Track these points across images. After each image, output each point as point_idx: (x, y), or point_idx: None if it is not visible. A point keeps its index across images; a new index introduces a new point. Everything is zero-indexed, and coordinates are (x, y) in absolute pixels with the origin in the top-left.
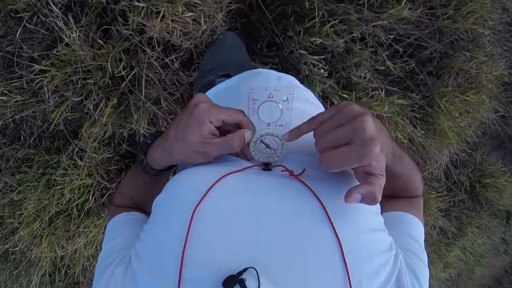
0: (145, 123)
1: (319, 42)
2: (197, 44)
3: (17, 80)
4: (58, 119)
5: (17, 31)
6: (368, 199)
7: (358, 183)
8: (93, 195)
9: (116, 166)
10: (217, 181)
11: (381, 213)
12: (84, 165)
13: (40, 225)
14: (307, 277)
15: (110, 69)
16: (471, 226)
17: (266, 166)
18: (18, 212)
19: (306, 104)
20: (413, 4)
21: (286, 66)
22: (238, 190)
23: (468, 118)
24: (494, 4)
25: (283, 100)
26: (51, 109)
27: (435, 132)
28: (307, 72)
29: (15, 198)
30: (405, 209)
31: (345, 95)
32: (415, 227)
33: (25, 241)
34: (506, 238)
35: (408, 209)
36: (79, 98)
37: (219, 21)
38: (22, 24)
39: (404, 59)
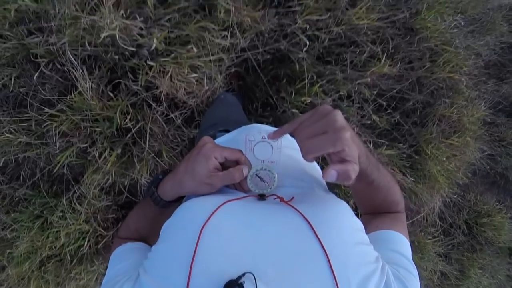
0: (146, 173)
1: (309, 101)
2: (199, 103)
3: (25, 120)
4: (62, 163)
5: (31, 74)
6: (343, 176)
7: (342, 203)
8: (88, 241)
9: (113, 215)
10: (220, 206)
11: (367, 233)
12: (82, 211)
13: (29, 267)
14: (300, 282)
15: (118, 120)
16: (474, 268)
17: (261, 197)
18: (8, 251)
19: (295, 151)
20: (392, 60)
21: (279, 124)
22: (237, 213)
23: (455, 161)
24: (467, 52)
25: (274, 141)
26: (56, 152)
27: (425, 178)
28: None
29: (8, 236)
30: (389, 227)
31: None
32: (401, 243)
33: (12, 282)
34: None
35: (392, 226)
36: (85, 145)
37: (219, 82)
38: (39, 69)
39: (388, 112)
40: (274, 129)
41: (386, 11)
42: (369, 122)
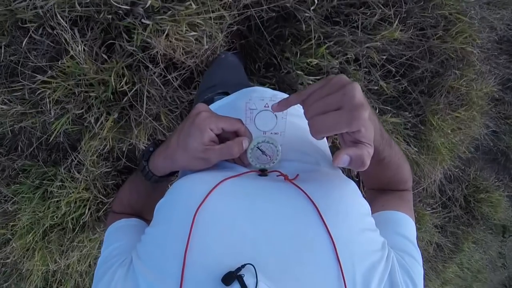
0: (145, 138)
1: (315, 63)
2: (198, 63)
3: (19, 90)
4: (58, 130)
5: (22, 41)
6: (357, 162)
7: (349, 184)
8: (89, 209)
9: (113, 181)
10: (216, 186)
11: (372, 213)
12: (81, 179)
13: (33, 238)
14: (303, 274)
15: (113, 84)
16: (468, 242)
17: (263, 172)
18: (11, 223)
19: (301, 119)
20: (404, 26)
21: (283, 86)
22: (236, 194)
23: (460, 135)
24: (482, 24)
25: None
26: (51, 120)
27: (428, 149)
28: None
29: (10, 209)
30: (395, 206)
31: None
32: (407, 226)
33: (17, 253)
34: (503, 252)
35: (398, 206)
36: (80, 111)
37: (219, 41)
38: (28, 35)
39: (396, 78)
40: (279, 95)
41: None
42: (376, 87)
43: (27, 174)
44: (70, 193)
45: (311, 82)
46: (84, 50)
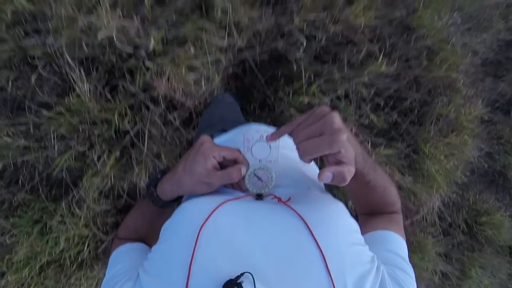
0: (146, 176)
1: (307, 101)
2: (197, 104)
3: (23, 124)
4: (60, 166)
5: (29, 76)
6: (338, 178)
7: (338, 204)
8: (88, 246)
9: (113, 219)
10: (218, 206)
11: (363, 234)
12: (82, 215)
13: (29, 273)
14: (296, 281)
15: (116, 122)
16: (475, 267)
17: (259, 196)
18: (7, 256)
19: (291, 151)
20: (389, 59)
21: (277, 125)
22: (235, 213)
23: (453, 160)
24: (464, 50)
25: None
26: (54, 156)
27: (423, 177)
28: None
29: (7, 241)
30: (385, 227)
31: None
32: (397, 243)
33: None
34: None
35: (388, 226)
36: (83, 148)
37: (216, 83)
38: (37, 71)
39: (386, 111)
40: (272, 129)
41: (383, 10)
42: (367, 121)
43: (27, 208)
44: (70, 229)
45: None
46: (89, 89)
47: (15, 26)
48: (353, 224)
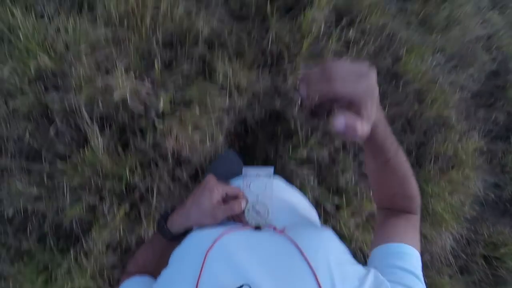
0: (154, 230)
1: (306, 155)
2: (203, 161)
3: (37, 173)
4: (70, 217)
5: (45, 129)
6: (350, 129)
7: (326, 230)
8: None
9: (120, 273)
10: (223, 234)
11: (379, 244)
12: (88, 267)
13: None
14: None
15: (127, 177)
16: None
17: (258, 228)
18: None
19: (285, 192)
20: (381, 105)
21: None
22: (238, 240)
23: (458, 196)
24: (453, 87)
25: (267, 178)
26: (66, 206)
27: (430, 216)
28: (299, 183)
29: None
30: (400, 236)
31: (336, 199)
32: (410, 259)
33: None
34: None
35: (403, 234)
36: (94, 200)
37: (220, 141)
38: (55, 124)
39: None
40: (268, 169)
41: (370, 62)
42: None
43: (32, 255)
44: (75, 280)
45: (304, 174)
46: (103, 144)
47: (37, 81)
48: (341, 247)
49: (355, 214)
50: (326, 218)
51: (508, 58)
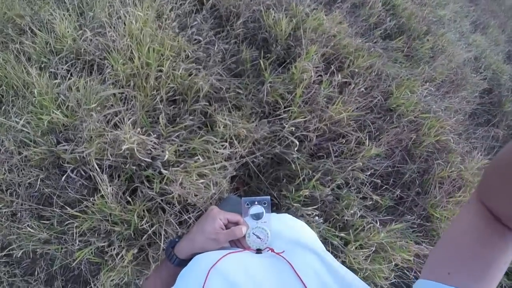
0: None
1: (309, 195)
2: (207, 206)
3: (47, 218)
4: (79, 260)
5: (57, 177)
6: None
7: (316, 252)
8: None
9: None
10: (224, 256)
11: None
12: None
13: None
14: None
15: (135, 222)
16: None
17: (258, 251)
18: None
19: (281, 225)
20: (379, 141)
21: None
22: (239, 260)
23: None
24: (447, 112)
25: (265, 206)
26: (75, 250)
27: None
28: (304, 222)
29: None
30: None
31: (343, 235)
32: None
33: None
34: None
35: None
36: (103, 244)
37: (224, 186)
38: (66, 173)
39: (388, 189)
40: (264, 198)
41: (362, 100)
42: (370, 203)
43: None
44: None
45: (309, 213)
46: (112, 192)
47: (49, 134)
48: (332, 263)
49: (363, 247)
50: (334, 253)
51: (499, 74)
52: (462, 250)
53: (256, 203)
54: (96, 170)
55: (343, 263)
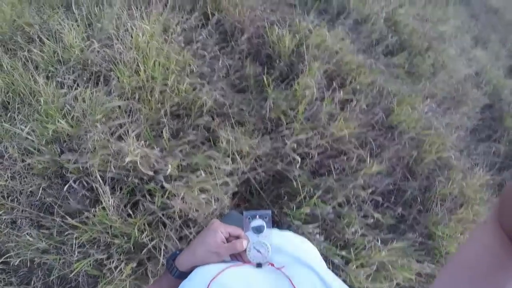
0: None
1: (310, 212)
2: (208, 221)
3: (47, 227)
4: (77, 271)
5: (58, 187)
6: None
7: (314, 268)
8: None
9: None
10: (226, 268)
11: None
12: None
13: None
14: None
15: (136, 235)
16: None
17: (258, 265)
18: None
19: (281, 238)
20: (380, 158)
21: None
22: (239, 273)
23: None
24: (449, 128)
25: (266, 220)
26: (73, 261)
27: (444, 259)
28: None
29: None
30: None
31: (344, 253)
32: None
33: None
34: None
35: None
36: (102, 257)
37: (225, 203)
38: (69, 184)
39: (389, 207)
40: (266, 211)
41: (363, 118)
42: (372, 221)
43: None
44: None
45: (310, 231)
46: (113, 205)
47: (54, 143)
48: (331, 284)
49: (365, 265)
50: (335, 271)
51: (500, 89)
52: (476, 275)
53: (257, 216)
54: (99, 181)
55: (344, 282)
